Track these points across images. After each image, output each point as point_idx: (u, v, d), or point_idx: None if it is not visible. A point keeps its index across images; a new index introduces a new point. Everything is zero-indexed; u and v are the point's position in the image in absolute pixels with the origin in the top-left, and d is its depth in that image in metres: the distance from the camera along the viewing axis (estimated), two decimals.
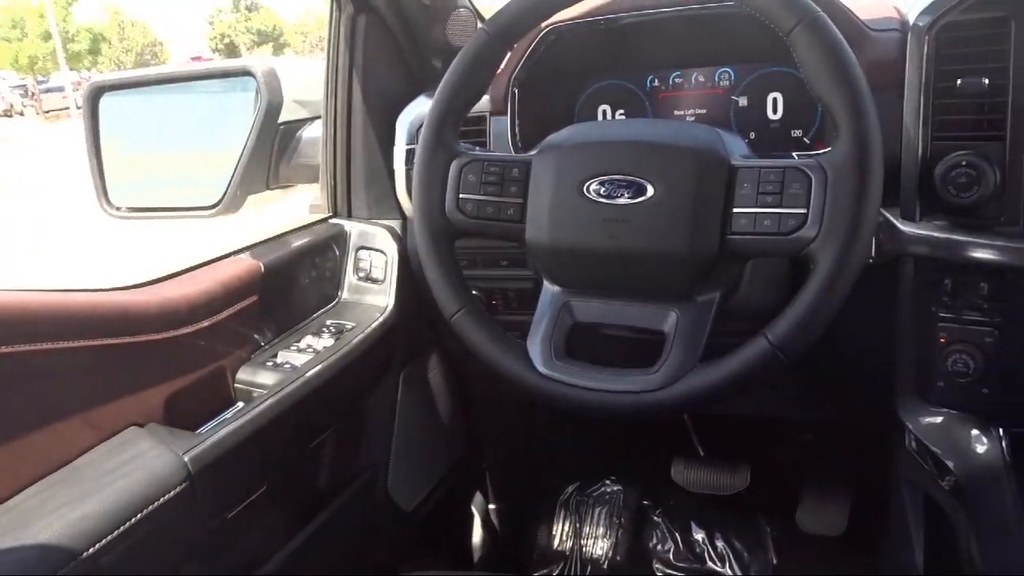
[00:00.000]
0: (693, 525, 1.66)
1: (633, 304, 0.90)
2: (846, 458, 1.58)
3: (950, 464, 0.97)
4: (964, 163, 0.92)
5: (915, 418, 1.03)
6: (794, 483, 1.61)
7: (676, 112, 1.24)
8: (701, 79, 1.21)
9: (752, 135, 1.18)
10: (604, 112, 1.27)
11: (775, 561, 1.58)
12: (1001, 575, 0.82)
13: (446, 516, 1.59)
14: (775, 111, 1.17)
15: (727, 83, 1.20)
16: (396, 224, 1.34)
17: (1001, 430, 0.96)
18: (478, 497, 1.69)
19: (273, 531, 1.11)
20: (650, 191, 0.85)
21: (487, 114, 1.20)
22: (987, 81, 0.91)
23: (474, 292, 1.26)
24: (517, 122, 1.19)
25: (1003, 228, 0.92)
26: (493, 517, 1.71)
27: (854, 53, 0.99)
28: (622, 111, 1.26)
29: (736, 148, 0.87)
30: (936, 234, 0.95)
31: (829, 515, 1.54)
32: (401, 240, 1.32)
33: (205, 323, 1.04)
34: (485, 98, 1.20)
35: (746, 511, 1.64)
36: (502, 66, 1.15)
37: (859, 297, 0.95)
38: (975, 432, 0.98)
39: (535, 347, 0.91)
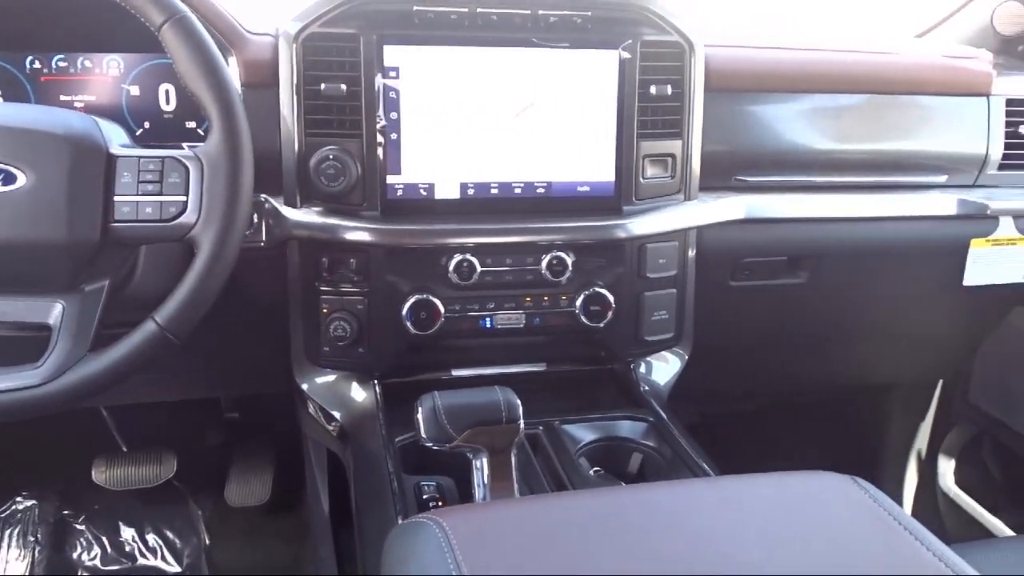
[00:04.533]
0: (121, 525, 1.62)
1: (10, 298, 0.85)
2: (268, 430, 1.70)
3: (336, 414, 1.13)
4: (331, 157, 1.07)
5: (309, 380, 1.16)
6: (222, 461, 1.67)
7: (63, 97, 1.18)
8: (88, 64, 1.18)
9: (147, 124, 1.19)
10: None
11: (207, 541, 1.62)
12: (368, 492, 0.99)
13: None
14: (168, 102, 1.19)
15: (117, 71, 1.18)
16: None
17: (376, 382, 1.15)
18: None
19: None
20: (21, 179, 0.82)
21: None
22: (344, 87, 1.07)
23: None
24: None
25: (366, 212, 1.09)
26: None
27: (232, 53, 1.08)
28: None
29: (116, 137, 0.88)
30: (314, 219, 1.08)
31: (255, 486, 1.64)
32: None
33: None
34: None
35: (176, 498, 1.65)
36: None
37: (256, 278, 1.03)
38: (355, 385, 1.15)
39: None
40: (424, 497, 0.95)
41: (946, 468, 1.72)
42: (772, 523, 0.63)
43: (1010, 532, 1.56)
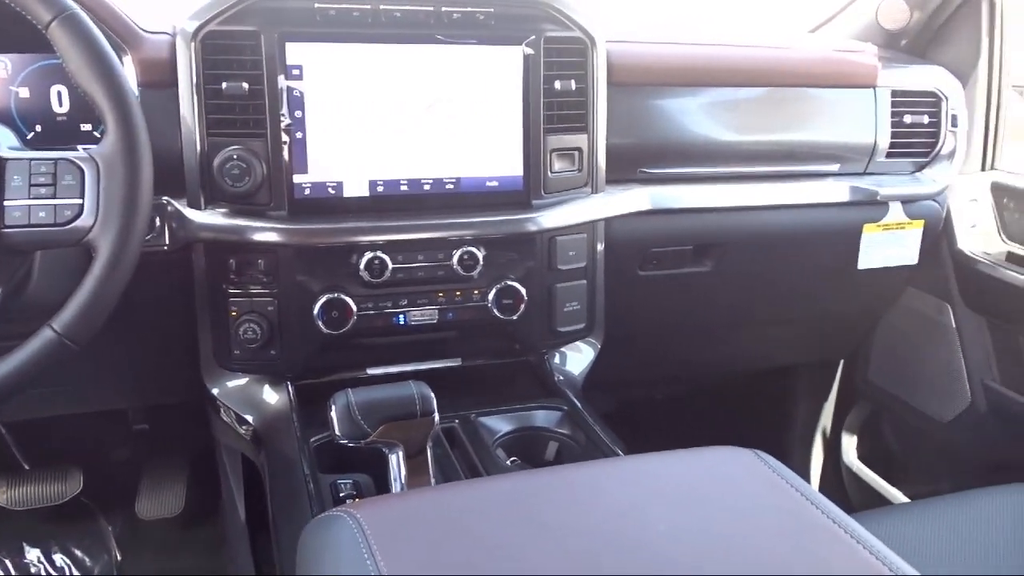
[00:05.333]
0: (25, 545, 1.55)
1: None
2: (179, 439, 1.65)
3: (249, 418, 1.11)
4: (236, 157, 1.05)
5: (220, 385, 1.14)
6: (132, 474, 1.62)
7: None
8: None
9: (39, 128, 1.15)
10: None
11: (119, 557, 1.57)
12: (284, 494, 0.98)
13: None
14: (61, 104, 1.15)
15: (4, 73, 1.14)
16: None
17: (289, 383, 1.14)
18: None
19: None
20: None
21: None
22: (246, 86, 1.05)
23: None
24: None
25: (273, 212, 1.08)
26: None
27: (127, 52, 1.05)
28: None
29: (4, 140, 0.86)
30: (220, 221, 1.06)
31: (167, 498, 1.60)
32: None
33: None
34: None
35: (84, 515, 1.60)
36: None
37: (160, 282, 1.00)
38: (267, 388, 1.14)
39: None
40: (341, 495, 0.94)
41: (848, 443, 1.80)
42: (676, 496, 0.65)
43: (907, 500, 1.64)
